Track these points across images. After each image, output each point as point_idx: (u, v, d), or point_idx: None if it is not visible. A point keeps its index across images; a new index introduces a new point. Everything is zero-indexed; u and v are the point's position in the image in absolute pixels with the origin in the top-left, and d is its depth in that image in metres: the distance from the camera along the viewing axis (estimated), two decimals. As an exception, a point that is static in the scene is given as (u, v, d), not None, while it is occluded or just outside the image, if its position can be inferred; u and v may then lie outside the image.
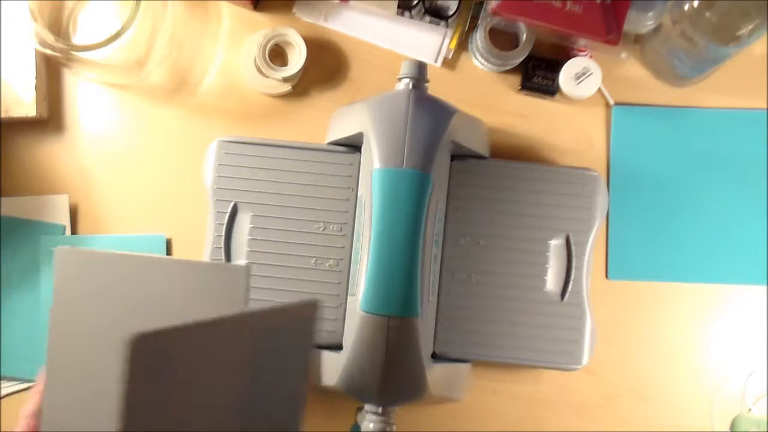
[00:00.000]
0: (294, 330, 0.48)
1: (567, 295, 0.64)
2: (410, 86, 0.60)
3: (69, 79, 0.73)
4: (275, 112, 0.73)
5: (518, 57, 0.70)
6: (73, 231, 0.71)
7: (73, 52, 0.68)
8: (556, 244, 0.64)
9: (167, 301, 0.54)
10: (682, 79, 0.72)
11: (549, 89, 0.72)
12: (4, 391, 0.69)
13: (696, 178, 0.72)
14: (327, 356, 0.61)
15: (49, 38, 0.66)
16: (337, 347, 0.61)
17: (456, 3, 0.71)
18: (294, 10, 0.73)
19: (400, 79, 0.62)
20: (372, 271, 0.56)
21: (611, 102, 0.72)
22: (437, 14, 0.72)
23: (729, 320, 0.71)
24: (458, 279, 0.64)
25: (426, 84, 0.62)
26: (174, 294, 0.54)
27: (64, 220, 0.70)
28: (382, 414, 0.60)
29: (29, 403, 0.52)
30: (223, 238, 0.64)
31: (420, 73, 0.61)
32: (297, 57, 0.70)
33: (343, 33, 0.73)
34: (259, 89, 0.72)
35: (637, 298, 0.71)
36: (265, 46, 0.70)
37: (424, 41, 0.73)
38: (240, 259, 0.64)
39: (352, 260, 0.62)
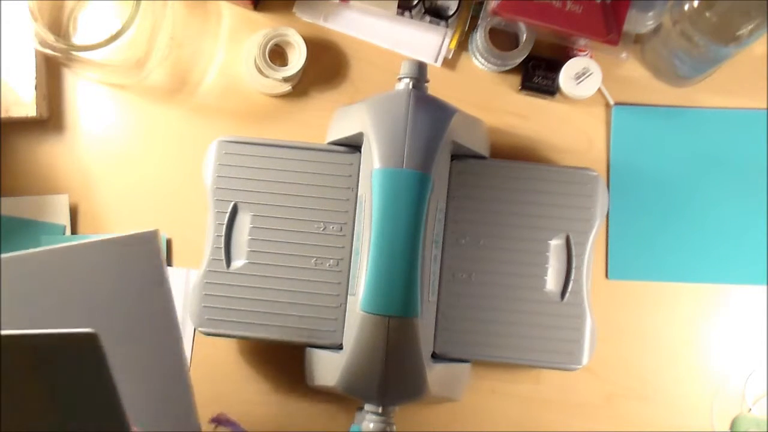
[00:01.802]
0: (79, 362, 0.45)
1: (567, 295, 0.64)
2: (410, 86, 0.60)
3: (69, 79, 0.73)
4: (275, 112, 0.73)
5: (518, 57, 0.70)
6: (73, 231, 0.71)
7: (73, 52, 0.68)
8: (556, 244, 0.64)
9: (90, 285, 0.54)
10: (682, 79, 0.72)
11: (549, 89, 0.72)
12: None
13: (696, 178, 0.72)
14: (327, 356, 0.61)
15: (49, 38, 0.66)
16: (337, 347, 0.61)
17: (456, 3, 0.71)
18: (294, 10, 0.73)
19: (400, 79, 0.62)
20: (372, 271, 0.56)
21: (611, 102, 0.72)
22: (437, 14, 0.72)
23: (729, 320, 0.71)
24: (458, 279, 0.64)
25: (426, 84, 0.62)
26: (94, 277, 0.54)
27: (64, 220, 0.70)
28: (382, 414, 0.60)
29: None
30: (223, 238, 0.64)
31: (420, 73, 0.61)
32: (297, 57, 0.70)
33: (343, 33, 0.73)
34: (259, 89, 0.72)
35: (637, 298, 0.71)
36: (265, 46, 0.70)
37: (424, 41, 0.73)
38: (240, 259, 0.64)
39: (352, 260, 0.62)
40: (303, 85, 0.73)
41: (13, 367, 0.45)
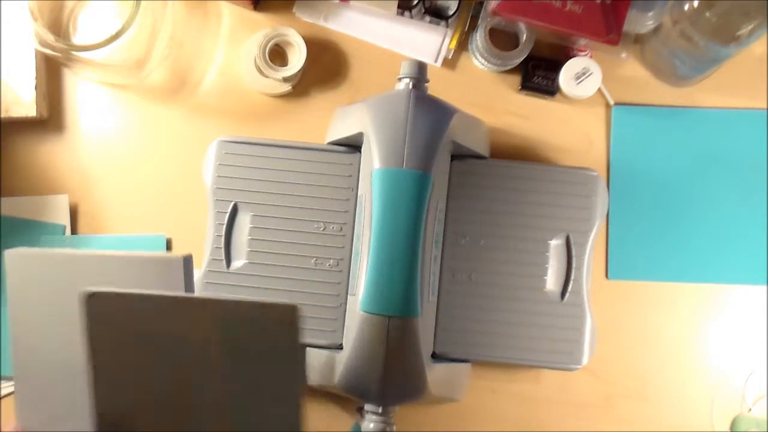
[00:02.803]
0: (271, 331, 0.48)
1: (567, 295, 0.64)
2: (410, 86, 0.61)
3: (69, 79, 0.73)
4: (275, 112, 0.73)
5: (518, 57, 0.70)
6: (73, 231, 0.71)
7: (73, 52, 0.68)
8: (556, 244, 0.64)
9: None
10: (682, 79, 0.72)
11: (549, 89, 0.72)
12: (4, 391, 0.69)
13: (696, 178, 0.72)
14: (327, 356, 0.61)
15: (49, 38, 0.66)
16: (337, 347, 0.61)
17: (456, 3, 0.71)
18: (294, 10, 0.73)
19: (400, 79, 0.62)
20: (372, 271, 0.56)
21: (611, 102, 0.72)
22: (437, 14, 0.72)
23: (729, 320, 0.71)
24: (458, 279, 0.64)
25: (426, 84, 0.62)
26: (119, 286, 0.54)
27: (64, 220, 0.70)
28: (382, 414, 0.60)
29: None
30: (223, 238, 0.64)
31: (420, 73, 0.61)
32: (297, 57, 0.70)
33: (343, 33, 0.73)
34: (259, 89, 0.72)
35: (637, 298, 0.71)
36: (265, 46, 0.70)
37: (424, 41, 0.73)
38: (240, 259, 0.64)
39: (352, 260, 0.62)
40: (303, 85, 0.73)
41: (203, 330, 0.47)
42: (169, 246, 0.70)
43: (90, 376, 0.47)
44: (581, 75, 0.70)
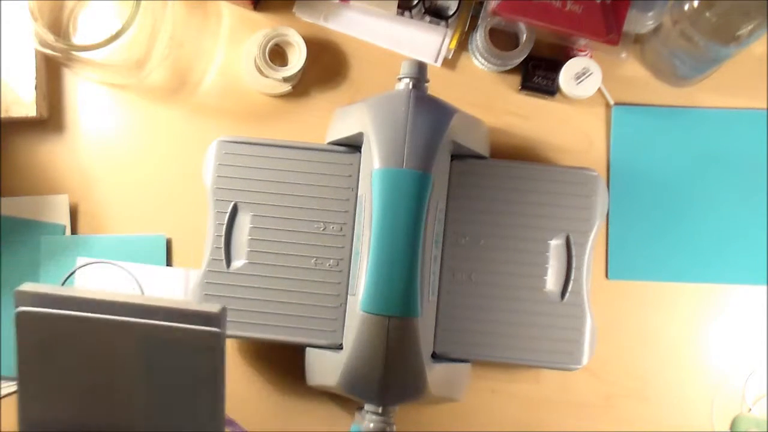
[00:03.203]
0: (193, 354, 0.49)
1: (567, 295, 0.64)
2: (410, 86, 0.61)
3: (69, 79, 0.73)
4: (275, 112, 0.73)
5: (518, 57, 0.70)
6: (73, 231, 0.71)
7: (73, 52, 0.68)
8: (556, 244, 0.64)
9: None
10: (682, 79, 0.72)
11: (549, 89, 0.72)
12: (4, 391, 0.69)
13: (696, 178, 0.72)
14: (327, 356, 0.61)
15: (49, 38, 0.66)
16: (337, 347, 0.61)
17: (456, 3, 0.71)
18: (294, 10, 0.73)
19: (400, 79, 0.62)
20: (372, 271, 0.56)
21: (611, 102, 0.72)
22: (437, 14, 0.72)
23: (729, 320, 0.71)
24: (458, 279, 0.64)
25: (426, 84, 0.62)
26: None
27: (64, 220, 0.70)
28: (382, 414, 0.60)
29: None
30: (223, 238, 0.64)
31: (420, 73, 0.61)
32: (297, 57, 0.70)
33: (343, 33, 0.73)
34: (259, 89, 0.72)
35: (637, 298, 0.71)
36: (265, 46, 0.70)
37: (424, 41, 0.73)
38: (240, 259, 0.64)
39: (352, 260, 0.62)
40: (303, 85, 0.73)
41: (125, 350, 0.49)
42: (169, 246, 0.70)
43: (18, 387, 0.49)
44: (581, 75, 0.70)
